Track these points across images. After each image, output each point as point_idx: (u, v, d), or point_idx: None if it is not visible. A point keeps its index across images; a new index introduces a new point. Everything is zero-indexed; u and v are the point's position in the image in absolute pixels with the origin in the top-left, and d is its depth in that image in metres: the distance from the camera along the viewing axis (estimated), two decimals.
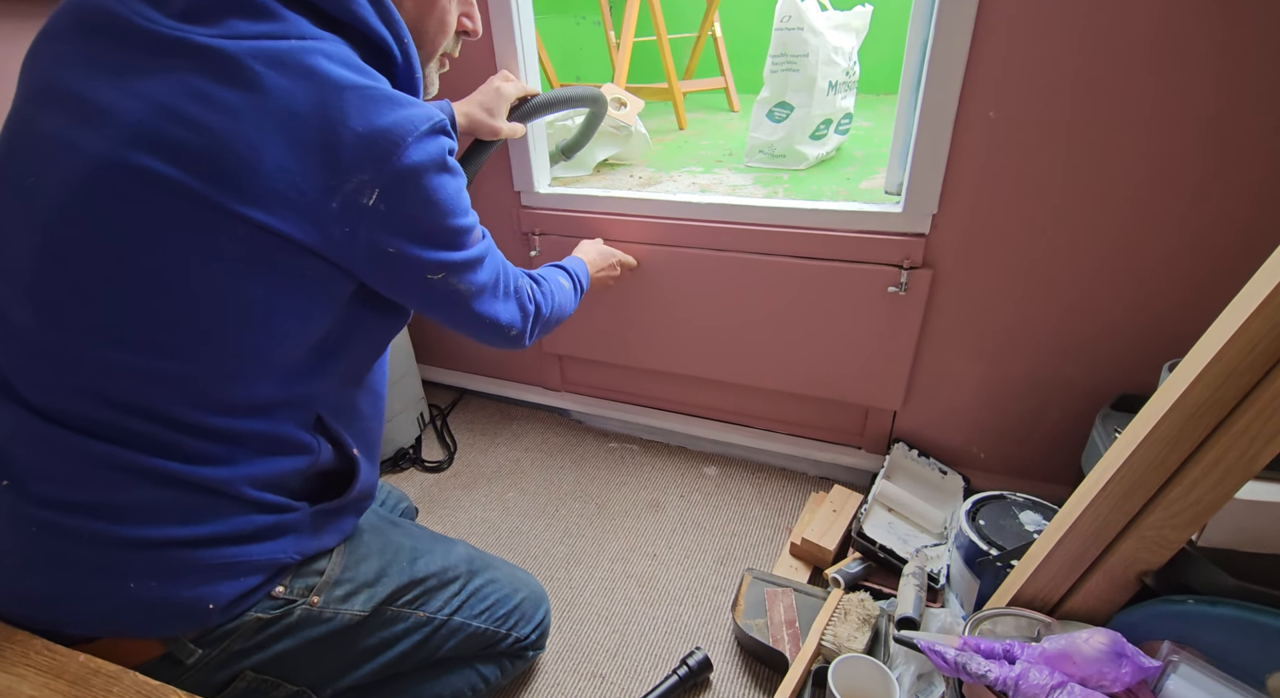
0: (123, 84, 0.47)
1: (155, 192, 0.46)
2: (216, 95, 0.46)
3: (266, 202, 0.47)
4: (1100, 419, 0.88)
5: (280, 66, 0.47)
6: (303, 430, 0.59)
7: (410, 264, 0.57)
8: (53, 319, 0.49)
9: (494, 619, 0.77)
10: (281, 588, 0.60)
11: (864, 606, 0.88)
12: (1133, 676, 0.59)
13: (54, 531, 0.50)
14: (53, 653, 0.48)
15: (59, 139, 0.48)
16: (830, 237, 1.02)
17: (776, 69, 1.29)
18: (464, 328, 0.68)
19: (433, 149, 0.53)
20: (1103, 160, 0.84)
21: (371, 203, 0.50)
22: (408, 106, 0.52)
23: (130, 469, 0.50)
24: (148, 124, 0.46)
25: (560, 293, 0.85)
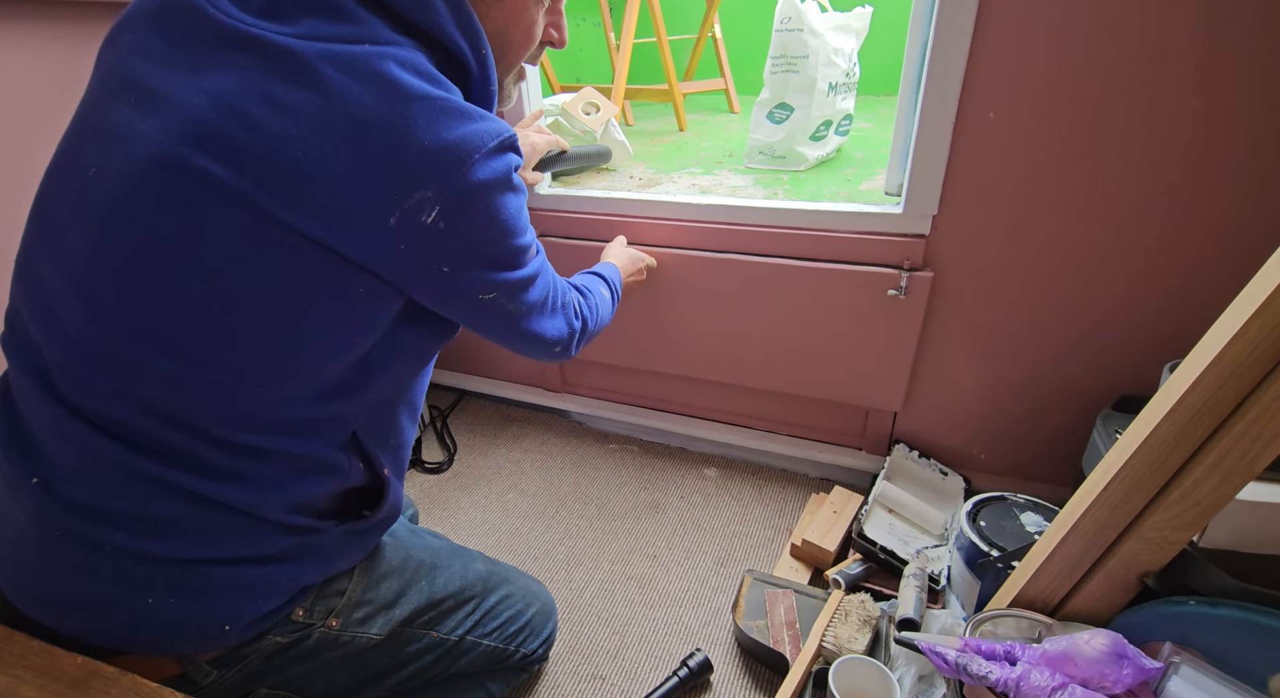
0: (192, 79, 0.46)
1: (209, 195, 0.45)
2: (281, 97, 0.45)
3: (321, 214, 0.46)
4: (1101, 420, 0.88)
5: (350, 71, 0.46)
6: (336, 450, 0.57)
7: (464, 284, 0.55)
8: (97, 317, 0.48)
9: (504, 637, 0.77)
10: (301, 611, 0.59)
11: (865, 607, 0.88)
12: (1134, 677, 0.59)
13: (77, 537, 0.49)
14: (50, 655, 0.47)
15: (123, 131, 0.47)
16: (830, 238, 1.02)
17: (776, 70, 1.29)
18: (510, 344, 0.67)
19: (499, 166, 0.51)
20: (1103, 160, 0.84)
21: (430, 220, 0.48)
22: (478, 120, 0.50)
23: (159, 482, 0.49)
24: (209, 122, 0.45)
25: (603, 305, 0.83)
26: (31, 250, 0.52)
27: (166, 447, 0.49)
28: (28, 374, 0.51)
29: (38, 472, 0.50)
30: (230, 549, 0.53)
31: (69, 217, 0.49)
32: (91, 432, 0.49)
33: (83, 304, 0.48)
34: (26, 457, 0.51)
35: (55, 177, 0.51)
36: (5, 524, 0.53)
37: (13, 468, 0.52)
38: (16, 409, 0.53)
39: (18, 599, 0.53)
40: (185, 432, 0.49)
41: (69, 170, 0.50)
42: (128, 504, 0.50)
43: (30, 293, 0.52)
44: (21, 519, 0.51)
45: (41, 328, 0.50)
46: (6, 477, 0.53)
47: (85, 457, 0.49)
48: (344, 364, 0.54)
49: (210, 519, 0.52)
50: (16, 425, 0.53)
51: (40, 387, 0.50)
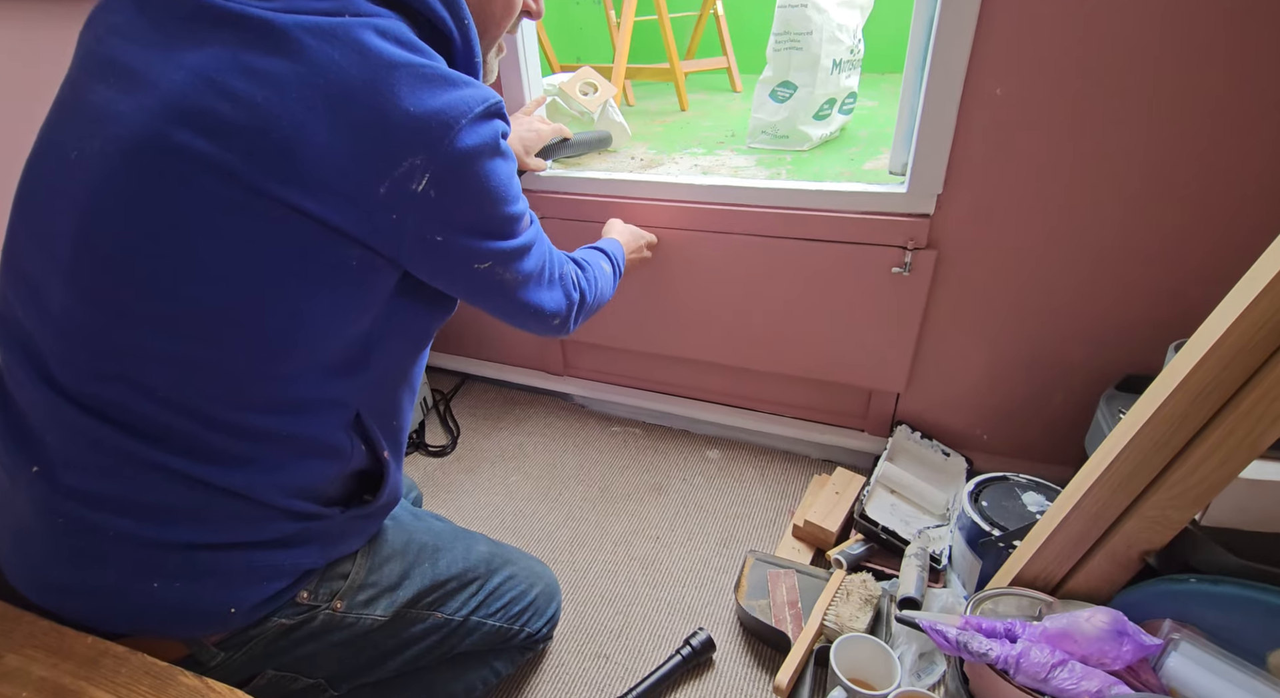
0: (172, 56, 0.46)
1: (194, 172, 0.44)
2: (261, 67, 0.44)
3: (310, 185, 0.45)
4: (1105, 400, 0.88)
5: (331, 40, 0.45)
6: (339, 431, 0.57)
7: (457, 253, 0.54)
8: (87, 298, 0.47)
9: (508, 617, 0.77)
10: (306, 593, 0.59)
11: (866, 586, 0.88)
12: (1134, 654, 0.60)
13: (80, 524, 0.49)
14: (59, 635, 0.48)
15: (104, 111, 0.46)
16: (833, 218, 1.01)
17: (780, 47, 1.27)
18: (507, 316, 0.66)
19: (487, 132, 0.51)
20: (1113, 138, 0.82)
21: (421, 189, 0.48)
22: (463, 87, 0.49)
23: (159, 468, 0.49)
24: (190, 97, 0.44)
25: (603, 278, 0.82)
26: (17, 238, 0.52)
27: (166, 431, 0.49)
28: (21, 363, 0.51)
29: (37, 460, 0.50)
30: (233, 534, 0.53)
31: (53, 201, 0.48)
32: (89, 418, 0.48)
33: (71, 288, 0.47)
34: (25, 446, 0.51)
35: (37, 162, 0.51)
36: (8, 513, 0.54)
37: (11, 457, 0.52)
38: (12, 399, 0.53)
39: (24, 587, 0.53)
40: (185, 415, 0.49)
41: (51, 155, 0.49)
42: (128, 490, 0.50)
43: (18, 281, 0.51)
44: (24, 508, 0.51)
45: (32, 315, 0.50)
46: (6, 466, 0.53)
47: (84, 443, 0.49)
48: (344, 342, 0.54)
49: (212, 504, 0.52)
50: (13, 415, 0.53)
51: (35, 375, 0.50)
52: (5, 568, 0.54)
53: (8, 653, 0.46)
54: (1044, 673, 0.60)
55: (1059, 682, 0.59)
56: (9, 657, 0.46)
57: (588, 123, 1.30)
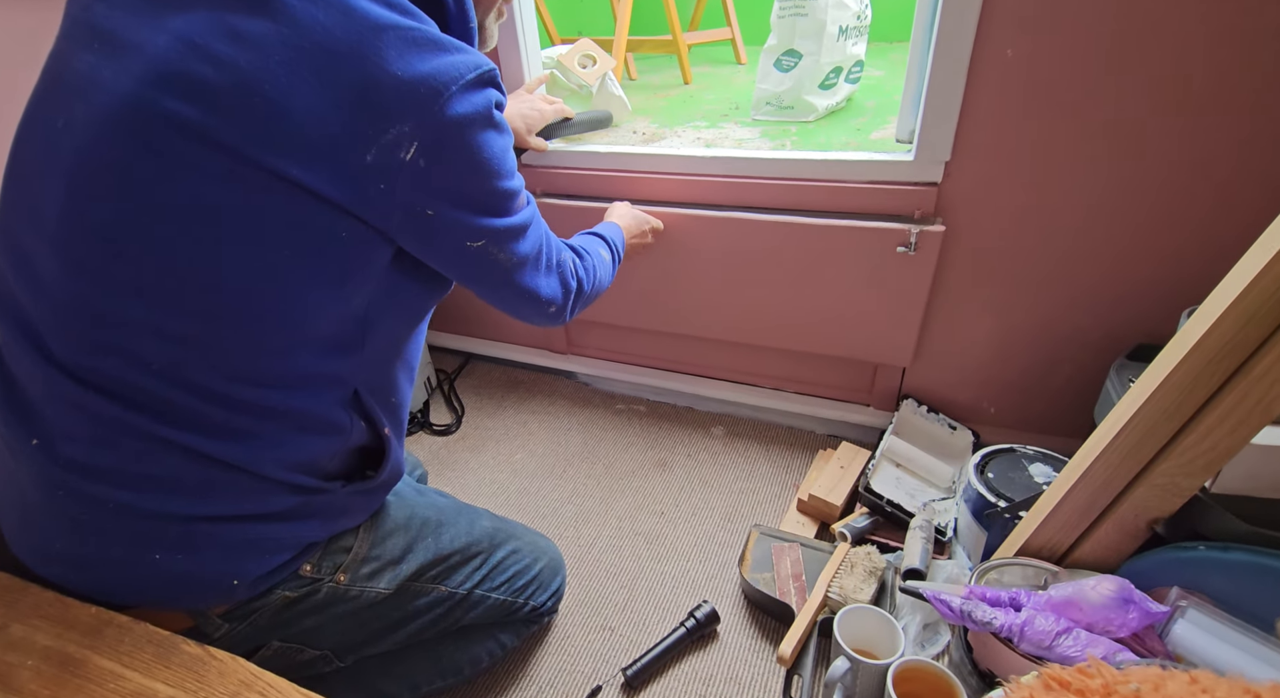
0: (156, 22, 0.45)
1: (180, 138, 0.43)
2: (244, 29, 0.43)
3: (297, 152, 0.44)
4: (1115, 370, 0.86)
5: (315, 0, 0.44)
6: (338, 408, 0.57)
7: (448, 229, 0.53)
8: (79, 273, 0.47)
9: (513, 590, 0.78)
10: (309, 566, 0.59)
11: (870, 558, 0.88)
12: (1140, 621, 0.59)
13: (80, 496, 0.50)
14: (64, 605, 0.48)
15: (89, 79, 0.45)
16: (839, 188, 0.99)
17: (784, 14, 1.24)
18: (501, 301, 0.65)
19: (479, 101, 0.49)
20: (1126, 102, 0.80)
21: (409, 157, 0.47)
22: (453, 52, 0.47)
23: (158, 440, 0.49)
24: (175, 63, 0.43)
25: (601, 267, 0.81)
26: (7, 210, 0.51)
27: (164, 404, 0.49)
28: (18, 337, 0.50)
29: (37, 433, 0.50)
30: (233, 507, 0.53)
31: (41, 172, 0.48)
32: (86, 391, 0.48)
33: (63, 260, 0.47)
34: (24, 419, 0.51)
35: (25, 133, 0.50)
36: (10, 487, 0.54)
37: (11, 431, 0.52)
38: (10, 373, 0.53)
39: (28, 559, 0.53)
40: (183, 388, 0.49)
41: (38, 125, 0.49)
42: (127, 462, 0.49)
43: (12, 254, 0.51)
44: (26, 481, 0.52)
45: (26, 288, 0.50)
46: (7, 440, 0.53)
47: (81, 416, 0.49)
48: (338, 318, 0.53)
49: (211, 477, 0.51)
50: (12, 389, 0.53)
51: (31, 349, 0.50)
52: (10, 541, 0.54)
53: (13, 623, 0.47)
54: (1048, 641, 0.60)
55: (1063, 649, 0.59)
56: (14, 626, 0.46)
57: (586, 96, 1.27)
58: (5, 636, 0.45)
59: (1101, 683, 0.29)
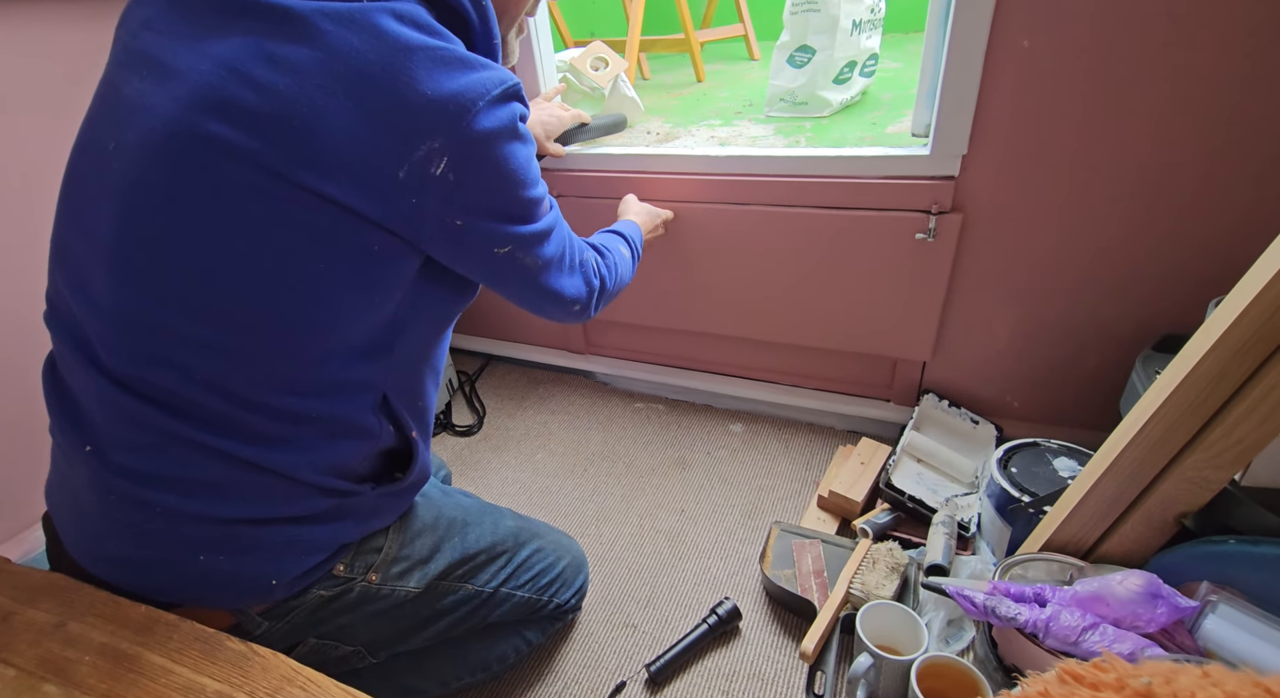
0: (199, 47, 0.47)
1: (223, 160, 0.46)
2: (282, 54, 0.45)
3: (332, 171, 0.46)
4: (1141, 362, 0.85)
5: (349, 25, 0.46)
6: (368, 412, 0.59)
7: (477, 237, 0.55)
8: (128, 288, 0.49)
9: (537, 588, 0.79)
10: (342, 566, 0.61)
11: (892, 554, 0.88)
12: (1168, 616, 0.59)
13: (130, 500, 0.52)
14: (115, 604, 0.51)
15: (137, 104, 0.48)
16: (854, 184, 0.98)
17: (797, 10, 1.23)
18: (528, 302, 0.67)
19: (504, 115, 0.51)
20: (1147, 90, 0.78)
21: (439, 172, 0.48)
22: (479, 69, 0.49)
23: (202, 447, 0.51)
24: (216, 87, 0.45)
25: (622, 264, 0.82)
26: (63, 228, 0.54)
27: (207, 412, 0.51)
28: (71, 349, 0.53)
29: (90, 440, 0.53)
30: (272, 510, 0.55)
31: (94, 192, 0.50)
32: (134, 400, 0.51)
33: (114, 277, 0.49)
34: (78, 427, 0.54)
35: (79, 155, 0.53)
36: (66, 490, 0.57)
37: (66, 438, 0.54)
38: (64, 383, 0.56)
39: (83, 559, 0.56)
40: (223, 397, 0.51)
41: (91, 148, 0.51)
42: (173, 468, 0.52)
43: (66, 269, 0.53)
44: (80, 485, 0.54)
45: (79, 303, 0.52)
46: (62, 446, 0.56)
47: (131, 424, 0.51)
48: (370, 325, 0.55)
49: (252, 482, 0.54)
50: (66, 398, 0.55)
51: (84, 360, 0.52)
52: (65, 540, 0.57)
53: (70, 621, 0.49)
54: (1074, 636, 0.59)
55: (1090, 645, 0.58)
56: (71, 624, 0.49)
57: (599, 98, 1.28)
58: (64, 633, 0.48)
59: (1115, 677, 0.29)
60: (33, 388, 0.97)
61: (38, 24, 0.93)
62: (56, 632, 0.48)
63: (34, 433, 1.00)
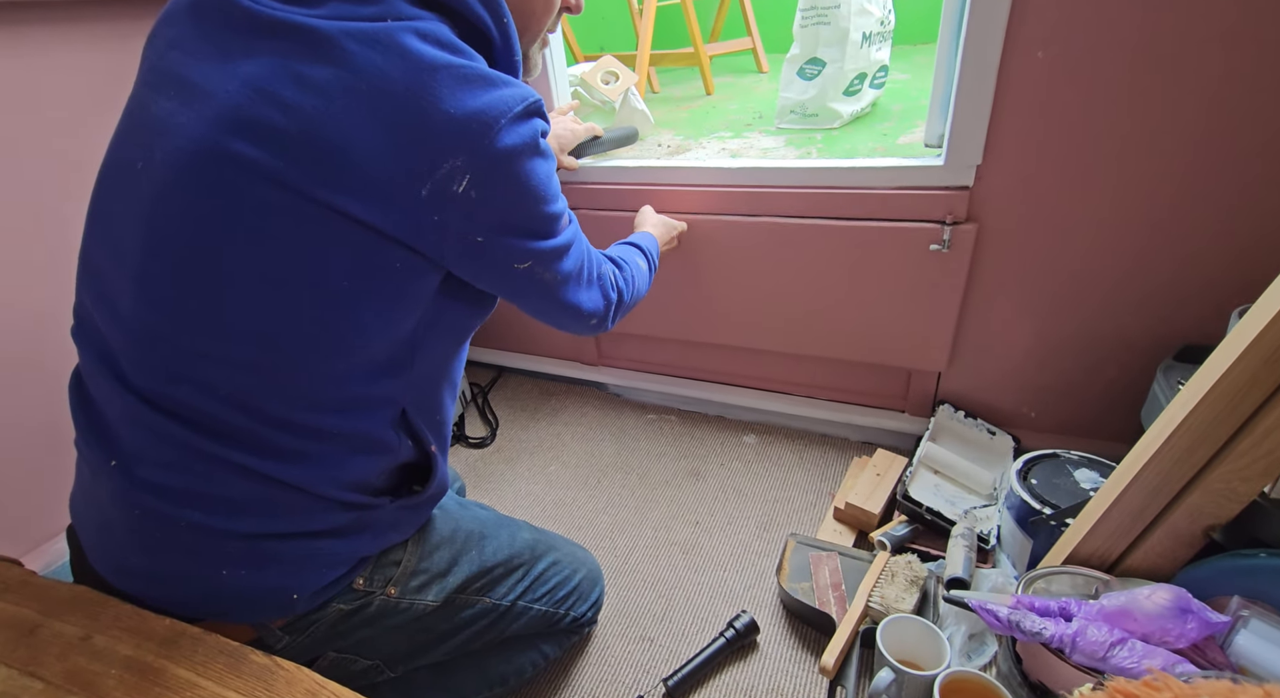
0: (226, 67, 0.48)
1: (249, 179, 0.46)
2: (309, 74, 0.46)
3: (356, 189, 0.47)
4: (1162, 372, 0.84)
5: (373, 45, 0.46)
6: (388, 428, 0.59)
7: (498, 253, 0.55)
8: (154, 306, 0.50)
9: (554, 601, 0.79)
10: (361, 580, 0.62)
11: (911, 567, 0.87)
12: (1199, 631, 0.58)
13: (154, 515, 0.52)
14: (140, 617, 0.51)
15: (165, 124, 0.48)
16: (868, 195, 0.99)
17: (806, 23, 1.24)
18: (546, 316, 0.67)
19: (526, 132, 0.51)
20: (1164, 99, 0.78)
21: (461, 189, 0.49)
22: (501, 86, 0.50)
23: (224, 463, 0.52)
24: (244, 107, 0.46)
25: (639, 276, 0.82)
26: (91, 245, 0.55)
27: (229, 428, 0.52)
28: (97, 364, 0.54)
29: (115, 455, 0.53)
30: (293, 524, 0.56)
31: (121, 210, 0.51)
32: (159, 416, 0.51)
33: (140, 294, 0.50)
34: (104, 442, 0.54)
35: (108, 173, 0.53)
36: (91, 504, 0.57)
37: (92, 452, 0.55)
38: (90, 397, 0.56)
39: (107, 572, 0.57)
40: (246, 413, 0.52)
41: (119, 166, 0.52)
42: (197, 484, 0.52)
43: (93, 286, 0.54)
44: (105, 499, 0.55)
45: (105, 319, 0.53)
46: (88, 460, 0.56)
47: (155, 440, 0.52)
48: (390, 341, 0.55)
49: (273, 496, 0.54)
50: (92, 412, 0.56)
51: (109, 375, 0.53)
52: (90, 554, 0.58)
53: (96, 634, 0.49)
54: (1102, 652, 0.58)
55: (1118, 660, 0.57)
56: (97, 637, 0.49)
57: (610, 112, 1.30)
58: (89, 646, 0.48)
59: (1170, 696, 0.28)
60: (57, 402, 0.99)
61: (67, 44, 0.96)
62: (83, 645, 0.48)
63: (57, 447, 1.01)
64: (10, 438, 0.98)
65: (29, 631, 0.50)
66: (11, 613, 0.52)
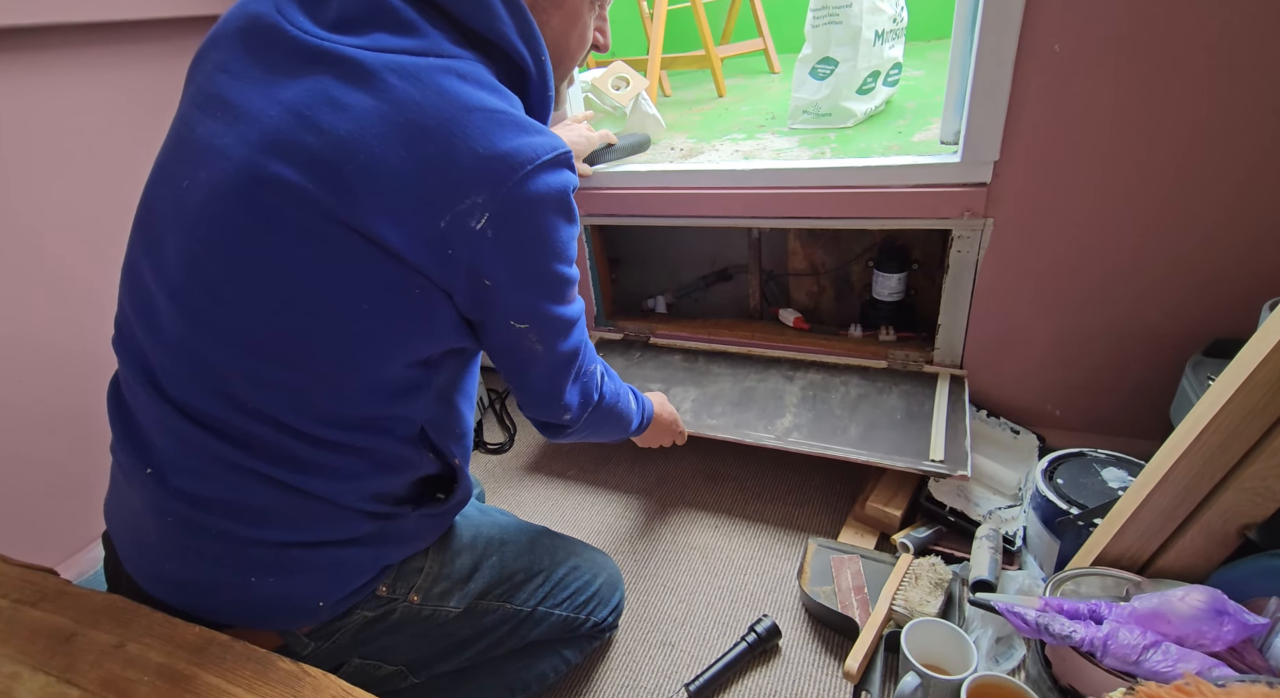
0: (270, 92, 0.49)
1: (286, 202, 0.48)
2: (347, 101, 0.47)
3: (381, 215, 0.48)
4: (1191, 367, 0.82)
5: (414, 81, 0.48)
6: (408, 445, 0.60)
7: (500, 301, 0.55)
8: (192, 322, 0.51)
9: (574, 606, 0.79)
10: (385, 587, 0.63)
11: (935, 570, 0.86)
12: (1236, 634, 0.56)
13: (186, 523, 0.54)
14: (171, 625, 0.52)
15: (209, 144, 0.50)
16: (884, 194, 0.98)
17: (818, 23, 1.24)
18: (523, 388, 0.65)
19: (554, 182, 0.52)
20: (1186, 87, 0.77)
21: (479, 227, 0.49)
22: (534, 134, 0.51)
23: (252, 474, 0.53)
24: (283, 131, 0.48)
25: (623, 404, 0.78)
26: (135, 259, 0.56)
27: (258, 440, 0.53)
28: (136, 374, 0.56)
29: (150, 463, 0.55)
30: (319, 534, 0.57)
31: (166, 228, 0.53)
32: (192, 426, 0.53)
33: (179, 310, 0.52)
34: (140, 449, 0.56)
35: (153, 189, 0.55)
36: (125, 509, 0.59)
37: (129, 459, 0.57)
38: (128, 406, 0.58)
39: (140, 578, 0.58)
40: (272, 427, 0.53)
41: (164, 183, 0.54)
42: (227, 493, 0.54)
43: (136, 300, 0.56)
44: (139, 506, 0.56)
45: (146, 332, 0.55)
46: (123, 467, 0.58)
47: (187, 449, 0.54)
48: (407, 363, 0.56)
49: (299, 507, 0.55)
50: (129, 420, 0.58)
51: (147, 385, 0.55)
52: (124, 560, 0.59)
53: (129, 642, 0.50)
54: (1135, 655, 0.57)
55: (1152, 664, 0.56)
56: (130, 645, 0.50)
57: (621, 117, 1.30)
58: (123, 654, 0.49)
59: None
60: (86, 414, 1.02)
61: (114, 66, 1.02)
62: (116, 653, 0.49)
63: (88, 457, 1.04)
64: (43, 450, 1.01)
65: (65, 639, 0.51)
66: (49, 622, 0.53)
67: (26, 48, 0.91)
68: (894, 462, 0.95)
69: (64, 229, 0.99)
